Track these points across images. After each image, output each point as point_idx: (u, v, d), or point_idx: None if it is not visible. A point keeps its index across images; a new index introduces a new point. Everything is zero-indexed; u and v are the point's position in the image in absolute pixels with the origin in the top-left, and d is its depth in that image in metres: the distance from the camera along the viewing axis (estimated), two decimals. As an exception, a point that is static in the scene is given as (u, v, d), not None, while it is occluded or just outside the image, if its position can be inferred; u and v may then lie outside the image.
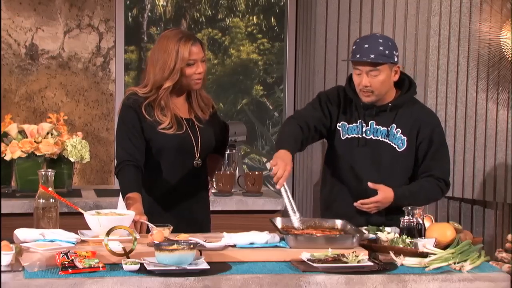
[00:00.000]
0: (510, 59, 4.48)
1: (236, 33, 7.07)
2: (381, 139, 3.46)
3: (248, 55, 7.05)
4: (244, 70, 7.12)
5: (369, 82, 3.36)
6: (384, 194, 3.36)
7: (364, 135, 3.46)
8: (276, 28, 7.11)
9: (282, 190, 3.19)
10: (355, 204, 3.36)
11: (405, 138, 3.45)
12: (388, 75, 3.38)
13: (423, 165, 3.47)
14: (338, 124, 3.49)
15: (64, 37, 5.13)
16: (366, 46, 3.35)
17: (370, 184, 3.37)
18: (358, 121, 3.47)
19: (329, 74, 4.97)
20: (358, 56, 3.35)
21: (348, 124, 3.48)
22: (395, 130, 3.45)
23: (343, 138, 3.48)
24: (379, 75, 3.35)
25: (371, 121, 3.46)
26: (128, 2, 6.07)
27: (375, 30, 4.77)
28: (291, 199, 3.20)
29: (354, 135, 3.47)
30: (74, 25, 5.13)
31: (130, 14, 6.69)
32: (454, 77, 4.60)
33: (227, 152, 4.59)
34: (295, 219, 3.18)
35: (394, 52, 3.38)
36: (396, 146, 3.46)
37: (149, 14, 6.91)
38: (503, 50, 4.50)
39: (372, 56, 3.33)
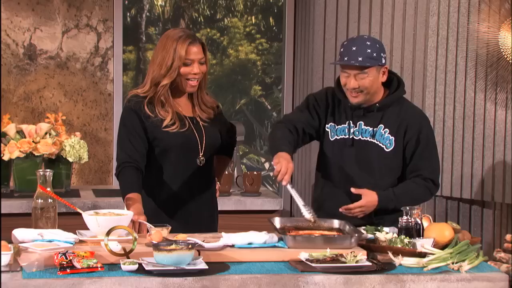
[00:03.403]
0: (508, 59, 4.48)
1: (235, 33, 7.07)
2: (369, 140, 3.46)
3: (246, 55, 7.05)
4: (242, 70, 7.12)
5: (357, 84, 3.37)
6: (368, 198, 3.36)
7: (352, 136, 3.47)
8: (274, 28, 7.11)
9: (289, 186, 3.21)
10: (340, 209, 3.36)
11: (393, 138, 3.45)
12: (376, 76, 3.39)
13: (411, 165, 3.46)
14: (326, 125, 3.50)
15: (62, 37, 5.13)
16: (354, 48, 3.35)
17: (352, 189, 3.37)
18: (346, 122, 3.48)
19: (327, 74, 4.97)
20: (346, 59, 3.36)
21: (337, 125, 3.49)
22: (383, 130, 3.46)
23: (331, 140, 3.49)
24: (366, 77, 3.36)
25: (359, 122, 3.47)
26: (126, 2, 6.06)
27: (373, 30, 4.78)
28: (297, 193, 3.22)
29: (343, 136, 3.48)
30: (72, 25, 5.13)
31: (128, 14, 6.69)
32: (453, 77, 4.60)
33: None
34: (306, 212, 3.18)
35: (382, 54, 3.39)
36: (384, 146, 3.46)
37: (148, 14, 6.91)
38: (502, 50, 4.50)
39: (360, 59, 3.33)
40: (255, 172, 4.78)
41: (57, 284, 2.60)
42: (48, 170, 3.16)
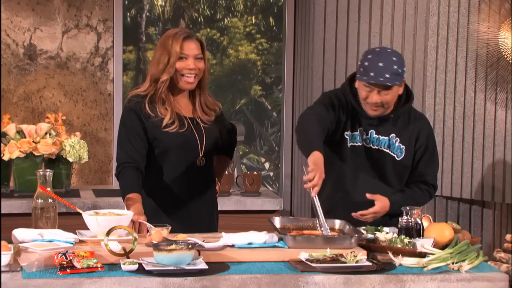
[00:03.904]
0: (508, 59, 4.48)
1: (235, 33, 7.08)
2: (381, 149, 3.47)
3: (246, 55, 7.06)
4: (242, 70, 7.13)
5: (380, 99, 3.34)
6: (382, 204, 3.39)
7: (364, 143, 3.46)
8: (274, 28, 7.12)
9: (315, 199, 3.14)
10: (353, 214, 3.36)
11: (404, 147, 3.47)
12: (397, 91, 3.38)
13: (418, 170, 3.52)
14: (346, 132, 3.47)
15: (62, 37, 5.13)
16: (381, 64, 3.29)
17: (368, 195, 3.38)
18: (358, 130, 3.47)
19: (327, 74, 4.97)
20: (372, 74, 3.30)
21: (351, 132, 3.48)
22: (395, 139, 3.47)
23: (348, 147, 3.48)
24: (390, 93, 3.34)
25: (370, 130, 3.47)
26: (126, 2, 6.07)
27: (373, 30, 4.77)
28: (320, 207, 3.16)
29: (355, 143, 3.47)
30: (72, 25, 5.13)
31: (128, 14, 6.69)
32: (453, 77, 4.60)
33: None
34: (326, 229, 3.16)
35: (404, 69, 3.37)
36: (395, 155, 3.47)
37: (148, 14, 6.92)
38: (502, 50, 4.50)
39: (387, 75, 3.28)
40: (255, 172, 4.78)
41: (57, 284, 2.60)
42: (48, 170, 3.16)
